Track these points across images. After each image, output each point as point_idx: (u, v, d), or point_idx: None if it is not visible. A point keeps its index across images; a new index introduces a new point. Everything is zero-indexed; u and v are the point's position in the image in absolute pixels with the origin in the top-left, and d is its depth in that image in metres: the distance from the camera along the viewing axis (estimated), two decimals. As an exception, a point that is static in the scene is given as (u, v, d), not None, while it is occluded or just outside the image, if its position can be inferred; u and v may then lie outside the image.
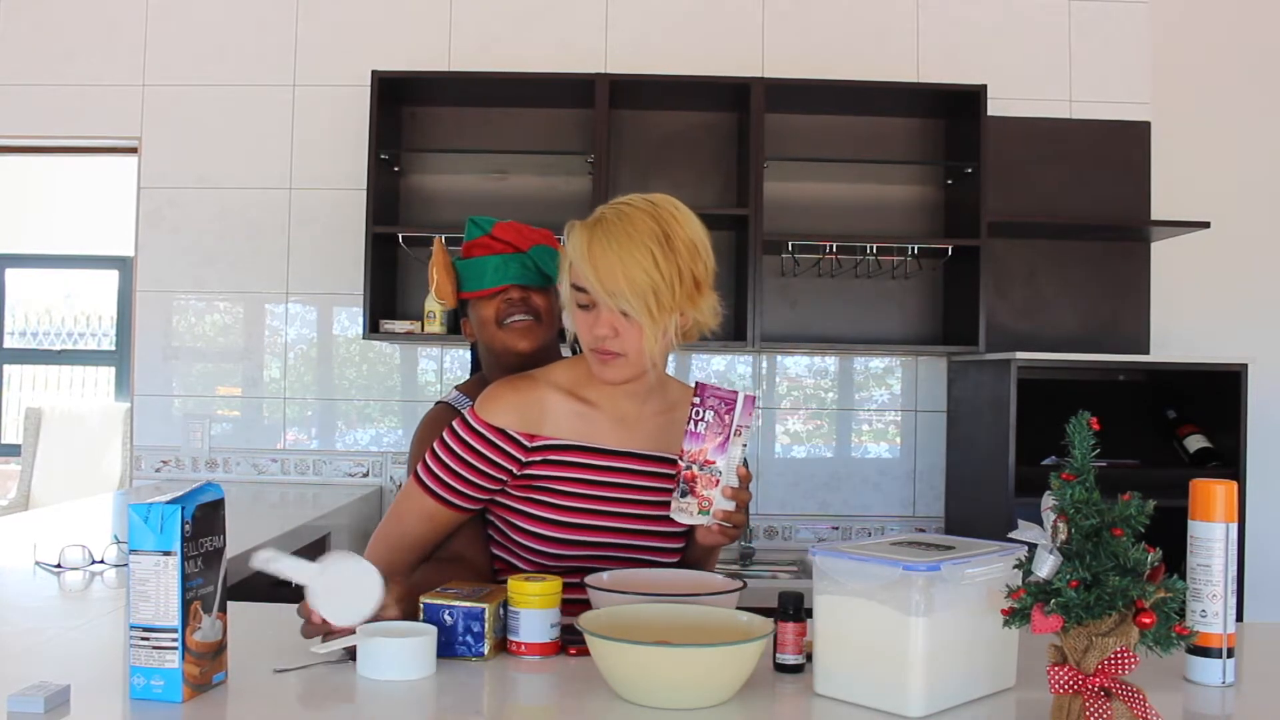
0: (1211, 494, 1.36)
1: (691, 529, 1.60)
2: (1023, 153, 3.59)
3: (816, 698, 1.28)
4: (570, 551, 1.62)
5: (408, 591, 1.45)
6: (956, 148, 3.54)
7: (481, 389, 1.68)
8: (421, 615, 1.40)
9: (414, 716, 1.25)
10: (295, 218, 3.63)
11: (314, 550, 2.88)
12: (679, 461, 1.51)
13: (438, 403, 1.90)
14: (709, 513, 1.50)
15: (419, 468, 1.64)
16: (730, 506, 1.51)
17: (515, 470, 1.61)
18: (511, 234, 1.84)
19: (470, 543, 1.68)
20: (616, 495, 1.63)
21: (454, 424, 1.63)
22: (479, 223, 1.87)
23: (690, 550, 1.71)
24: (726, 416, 1.49)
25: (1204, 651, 1.35)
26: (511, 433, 1.60)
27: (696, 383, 1.53)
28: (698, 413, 1.50)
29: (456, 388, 1.92)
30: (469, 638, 1.39)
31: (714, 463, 1.49)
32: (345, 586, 1.37)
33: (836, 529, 3.65)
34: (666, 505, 1.53)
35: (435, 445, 1.63)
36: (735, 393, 1.49)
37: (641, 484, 1.65)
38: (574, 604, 1.47)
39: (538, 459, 1.61)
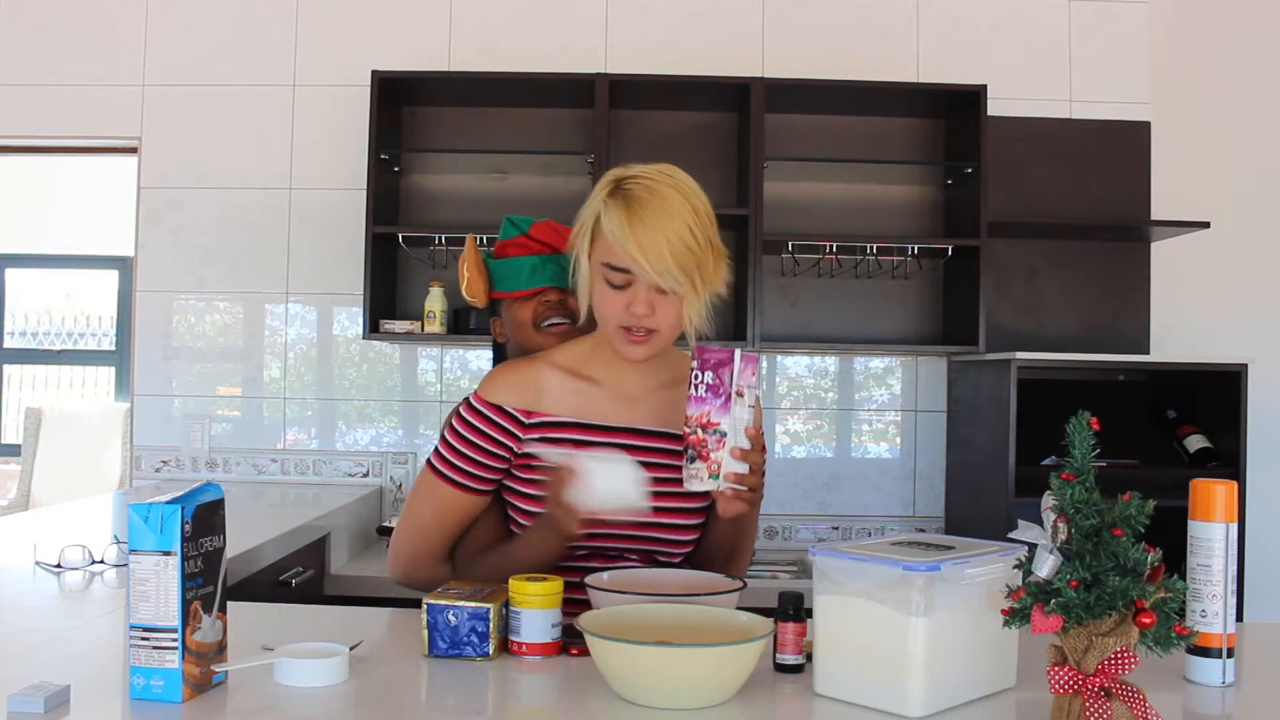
0: (1211, 494, 1.36)
1: (709, 509, 1.59)
2: (1023, 153, 3.59)
3: (816, 698, 1.28)
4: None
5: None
6: (956, 148, 3.54)
7: None
8: (424, 616, 1.40)
9: (414, 716, 1.25)
10: (295, 218, 3.63)
11: (314, 550, 2.87)
12: (685, 428, 1.49)
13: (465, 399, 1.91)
14: (719, 476, 1.47)
15: (432, 453, 1.68)
16: (741, 468, 1.48)
17: (515, 448, 1.62)
18: (550, 234, 1.82)
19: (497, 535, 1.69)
20: None
21: (458, 408, 1.67)
22: (516, 222, 1.84)
23: (715, 529, 1.67)
24: (725, 376, 1.47)
25: (1204, 651, 1.35)
26: (509, 409, 1.62)
27: (695, 346, 1.51)
28: (697, 376, 1.48)
29: None
30: (474, 638, 1.39)
31: (718, 424, 1.46)
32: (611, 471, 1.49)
33: (836, 529, 3.65)
34: (674, 483, 1.52)
35: (444, 430, 1.68)
36: (731, 351, 1.47)
37: (645, 460, 1.61)
38: (576, 604, 1.47)
39: (535, 436, 1.62)
